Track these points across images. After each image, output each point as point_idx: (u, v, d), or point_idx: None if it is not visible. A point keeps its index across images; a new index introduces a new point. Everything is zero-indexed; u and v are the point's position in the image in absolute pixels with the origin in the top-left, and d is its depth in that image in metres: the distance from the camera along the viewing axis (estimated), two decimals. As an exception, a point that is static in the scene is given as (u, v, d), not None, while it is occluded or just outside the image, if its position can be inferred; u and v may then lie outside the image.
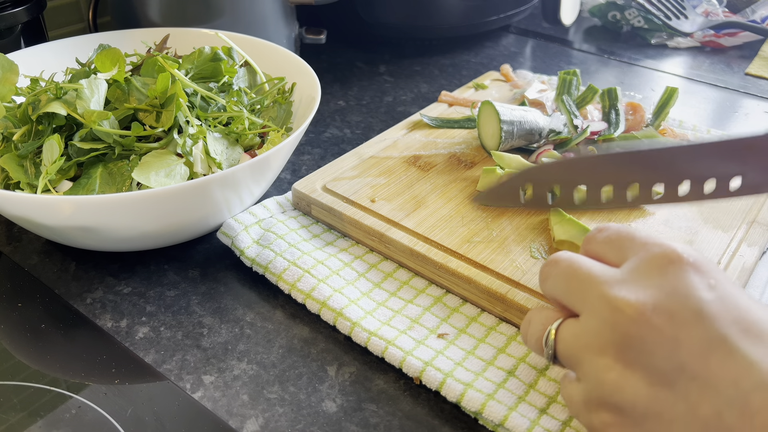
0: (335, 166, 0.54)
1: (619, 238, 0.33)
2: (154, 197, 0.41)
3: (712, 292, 0.29)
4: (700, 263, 0.30)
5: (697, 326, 0.28)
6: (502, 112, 0.55)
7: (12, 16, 0.61)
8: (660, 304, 0.29)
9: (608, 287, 0.30)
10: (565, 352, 0.31)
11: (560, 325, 0.32)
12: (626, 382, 0.28)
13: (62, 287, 0.47)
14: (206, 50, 0.53)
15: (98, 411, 0.37)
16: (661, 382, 0.28)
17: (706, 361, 0.27)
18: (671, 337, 0.28)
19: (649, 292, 0.29)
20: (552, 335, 0.32)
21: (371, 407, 0.38)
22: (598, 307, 0.30)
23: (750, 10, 0.90)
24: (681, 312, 0.28)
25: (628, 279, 0.30)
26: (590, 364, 0.30)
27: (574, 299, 0.32)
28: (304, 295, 0.44)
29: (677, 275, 0.29)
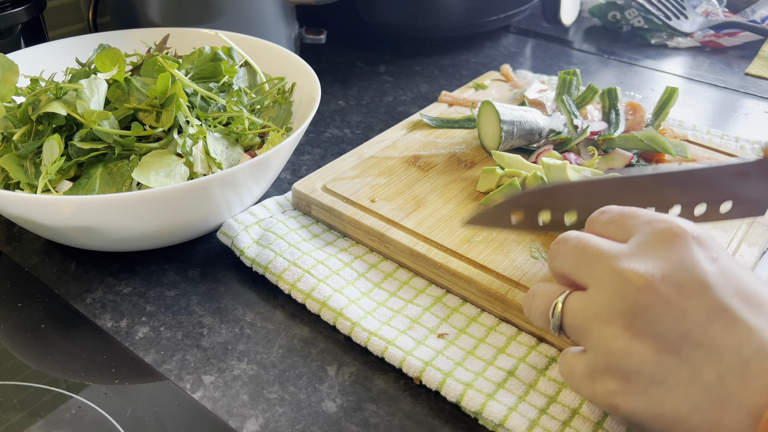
0: (335, 166, 0.54)
1: (621, 217, 0.35)
2: (154, 197, 0.41)
3: (714, 264, 0.30)
4: (703, 238, 0.31)
5: (701, 296, 0.29)
6: (502, 112, 0.55)
7: (12, 16, 0.61)
8: (667, 274, 0.30)
9: (617, 260, 0.31)
10: (572, 322, 0.32)
11: (567, 297, 0.33)
12: (634, 349, 0.29)
13: (62, 287, 0.47)
14: (206, 50, 0.53)
15: (98, 411, 0.37)
16: (667, 349, 0.29)
17: (709, 328, 0.28)
18: (678, 306, 0.29)
19: (657, 263, 0.30)
20: (559, 307, 0.33)
21: (371, 407, 0.38)
22: (608, 278, 0.31)
23: (750, 10, 0.90)
24: (687, 282, 0.29)
25: (636, 252, 0.31)
26: (598, 333, 0.31)
27: (584, 273, 0.33)
28: (304, 295, 0.44)
29: (683, 248, 0.31)
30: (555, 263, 0.35)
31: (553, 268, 0.36)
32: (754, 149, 0.62)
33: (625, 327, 0.30)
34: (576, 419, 0.36)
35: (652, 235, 0.32)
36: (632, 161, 0.54)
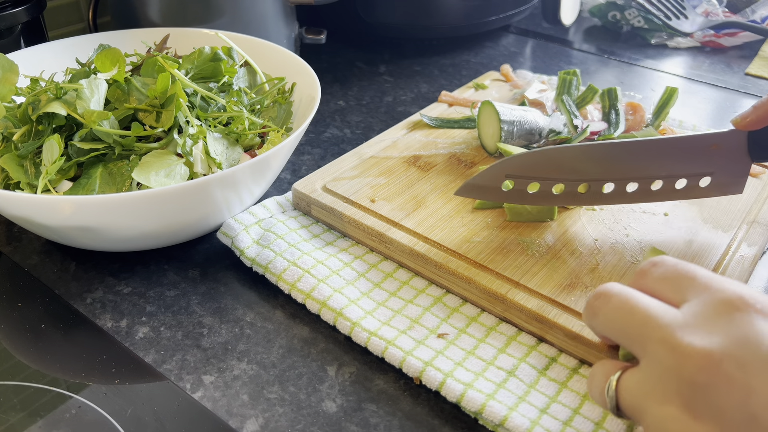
0: (335, 166, 0.54)
1: (677, 277, 0.31)
2: (154, 197, 0.41)
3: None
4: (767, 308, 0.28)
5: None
6: (502, 112, 0.55)
7: (12, 16, 0.61)
8: (730, 351, 0.27)
9: (671, 331, 0.28)
10: (627, 402, 0.30)
11: (622, 374, 0.31)
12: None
13: (62, 287, 0.47)
14: (206, 50, 0.53)
15: (98, 411, 0.37)
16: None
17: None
18: (743, 386, 0.26)
19: (717, 338, 0.27)
20: (613, 385, 0.30)
21: (371, 407, 0.38)
22: (661, 352, 0.28)
23: (750, 10, 0.90)
24: (752, 360, 0.27)
25: (692, 323, 0.28)
26: (654, 413, 0.28)
27: (632, 342, 0.30)
28: (304, 295, 0.44)
29: (746, 322, 0.28)
30: (596, 323, 0.32)
31: (594, 328, 0.33)
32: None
33: (684, 408, 0.27)
34: (576, 419, 0.36)
35: (711, 304, 0.29)
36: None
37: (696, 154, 0.44)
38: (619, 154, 0.44)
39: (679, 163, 0.44)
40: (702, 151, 0.44)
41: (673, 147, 0.44)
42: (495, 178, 0.45)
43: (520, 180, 0.45)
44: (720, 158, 0.44)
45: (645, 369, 0.29)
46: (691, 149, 0.44)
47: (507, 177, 0.45)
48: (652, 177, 0.45)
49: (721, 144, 0.44)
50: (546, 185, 0.45)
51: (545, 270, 0.44)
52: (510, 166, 0.44)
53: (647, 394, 0.29)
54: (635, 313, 0.30)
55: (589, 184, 0.45)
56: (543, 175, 0.44)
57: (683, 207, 0.50)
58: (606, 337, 0.32)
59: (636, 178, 0.45)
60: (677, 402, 0.27)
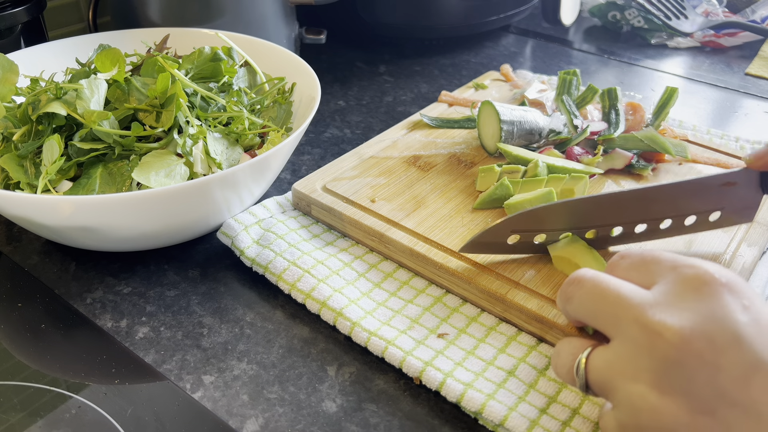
0: (335, 166, 0.54)
1: (644, 263, 0.32)
2: (154, 197, 0.41)
3: (747, 313, 0.28)
4: (733, 284, 0.29)
5: (735, 350, 0.27)
6: (502, 112, 0.55)
7: (12, 16, 0.61)
8: (698, 328, 0.28)
9: (643, 310, 0.29)
10: (597, 379, 0.30)
11: (591, 352, 0.31)
12: (664, 409, 0.27)
13: (62, 287, 0.47)
14: (206, 50, 0.53)
15: (98, 411, 0.37)
16: (701, 409, 0.27)
17: (746, 386, 0.26)
18: (711, 362, 0.27)
19: (686, 315, 0.28)
20: (582, 363, 0.31)
21: (371, 407, 0.38)
22: (633, 331, 0.29)
23: (750, 10, 0.90)
24: (719, 336, 0.27)
25: (663, 302, 0.29)
26: (624, 391, 0.29)
27: (604, 323, 0.31)
28: (304, 295, 0.44)
29: (712, 297, 0.28)
30: (569, 308, 0.33)
31: (568, 313, 0.33)
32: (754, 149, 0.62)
33: (654, 385, 0.28)
34: (576, 419, 0.36)
35: (679, 282, 0.30)
36: (632, 161, 0.54)
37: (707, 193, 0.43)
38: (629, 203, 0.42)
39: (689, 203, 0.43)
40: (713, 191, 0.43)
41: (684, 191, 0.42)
42: (500, 234, 0.43)
43: (526, 233, 0.43)
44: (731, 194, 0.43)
45: (616, 347, 0.30)
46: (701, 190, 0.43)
47: (513, 232, 0.43)
48: (661, 218, 0.43)
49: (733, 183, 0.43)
50: (552, 235, 0.43)
51: (545, 270, 0.44)
52: (515, 222, 0.43)
53: (618, 372, 0.29)
54: (607, 295, 0.31)
55: (597, 231, 0.44)
56: (549, 227, 0.43)
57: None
58: (580, 321, 0.33)
59: (645, 220, 0.44)
60: (647, 379, 0.28)
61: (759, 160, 0.42)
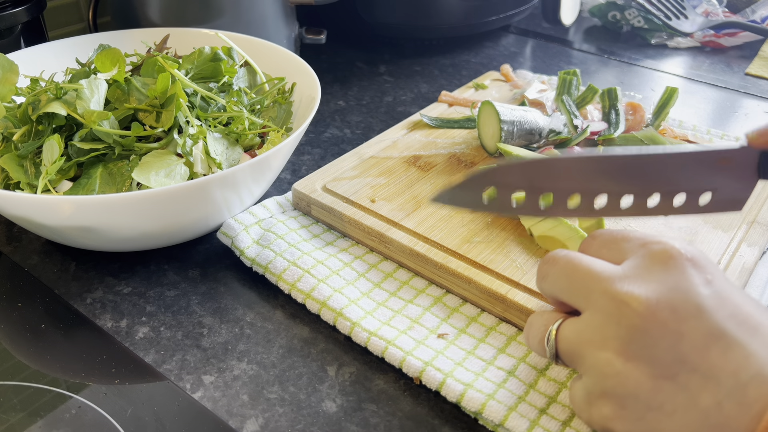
0: (335, 166, 0.54)
1: (614, 240, 0.34)
2: (154, 197, 0.41)
3: (709, 287, 0.30)
4: (697, 259, 0.31)
5: (697, 320, 0.29)
6: (502, 112, 0.55)
7: (12, 16, 0.61)
8: (663, 298, 0.29)
9: (612, 282, 0.31)
10: (566, 349, 0.32)
11: (561, 324, 0.33)
12: (629, 374, 0.29)
13: (62, 287, 0.47)
14: (206, 50, 0.53)
15: (98, 411, 0.37)
16: (664, 374, 0.28)
17: (706, 353, 0.28)
18: (674, 331, 0.29)
19: (653, 286, 0.30)
20: (553, 334, 0.33)
21: (371, 407, 0.38)
22: (603, 302, 0.31)
23: (750, 10, 0.90)
24: (683, 306, 0.29)
25: (631, 275, 0.31)
26: (592, 358, 0.30)
27: (576, 296, 0.32)
28: (304, 295, 0.44)
29: (678, 270, 0.30)
30: (545, 285, 0.34)
31: (543, 290, 0.35)
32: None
33: (620, 352, 0.29)
34: (576, 419, 0.36)
35: (647, 257, 0.32)
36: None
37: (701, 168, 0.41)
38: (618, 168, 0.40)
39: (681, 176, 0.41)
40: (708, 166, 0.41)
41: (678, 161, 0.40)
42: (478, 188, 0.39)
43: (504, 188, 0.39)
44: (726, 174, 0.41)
45: (586, 318, 0.31)
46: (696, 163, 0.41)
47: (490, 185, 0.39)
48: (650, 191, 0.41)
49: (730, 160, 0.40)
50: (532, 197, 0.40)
51: (545, 270, 0.44)
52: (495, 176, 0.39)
53: (586, 341, 0.31)
54: (579, 270, 0.32)
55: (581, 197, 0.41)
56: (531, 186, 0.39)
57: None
58: (553, 297, 0.34)
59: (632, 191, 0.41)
60: (614, 346, 0.30)
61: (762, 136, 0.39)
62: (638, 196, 0.42)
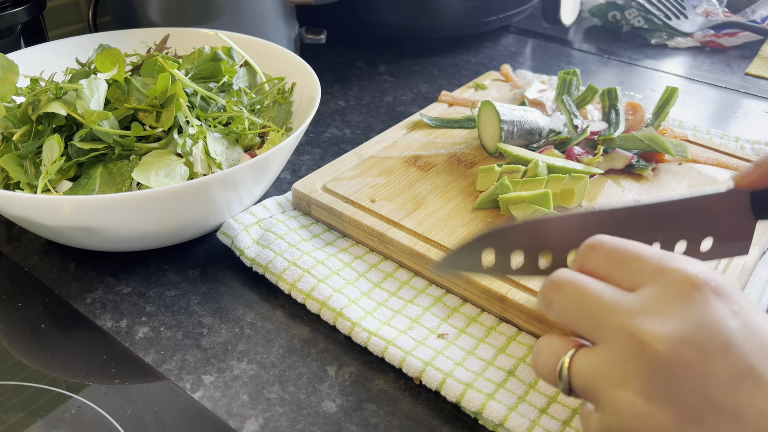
0: (335, 166, 0.54)
1: (622, 257, 0.31)
2: (154, 197, 0.41)
3: (736, 319, 0.28)
4: (722, 288, 0.29)
5: (725, 357, 0.27)
6: (502, 112, 0.55)
7: (12, 16, 0.61)
8: (688, 336, 0.27)
9: (629, 317, 0.28)
10: (581, 384, 0.30)
11: (574, 355, 0.30)
12: (651, 416, 0.27)
13: (62, 287, 0.47)
14: (206, 50, 0.53)
15: (98, 411, 0.37)
16: (689, 416, 0.27)
17: (734, 393, 0.26)
18: (701, 370, 0.27)
19: (675, 323, 0.28)
20: (566, 366, 0.30)
21: (371, 407, 0.38)
22: (619, 337, 0.28)
23: (750, 10, 0.90)
24: (709, 344, 0.27)
25: (650, 308, 0.29)
26: (610, 396, 0.28)
27: (587, 328, 0.30)
28: (304, 295, 0.44)
29: (702, 303, 0.28)
30: (551, 313, 0.32)
31: (552, 317, 0.32)
32: (754, 149, 0.62)
33: (640, 392, 0.27)
34: (576, 419, 0.36)
35: (667, 287, 0.29)
36: (632, 161, 0.54)
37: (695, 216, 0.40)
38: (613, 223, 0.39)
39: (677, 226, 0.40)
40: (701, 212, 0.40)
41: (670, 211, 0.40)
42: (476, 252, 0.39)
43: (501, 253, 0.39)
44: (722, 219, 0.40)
45: (601, 352, 0.29)
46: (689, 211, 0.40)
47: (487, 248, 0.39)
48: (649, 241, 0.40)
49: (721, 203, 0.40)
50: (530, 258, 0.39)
51: (545, 270, 0.44)
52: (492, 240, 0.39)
53: (603, 378, 0.29)
54: (589, 299, 0.30)
55: None
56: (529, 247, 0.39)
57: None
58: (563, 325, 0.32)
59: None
60: (634, 386, 0.27)
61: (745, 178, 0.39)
62: None
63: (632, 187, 0.53)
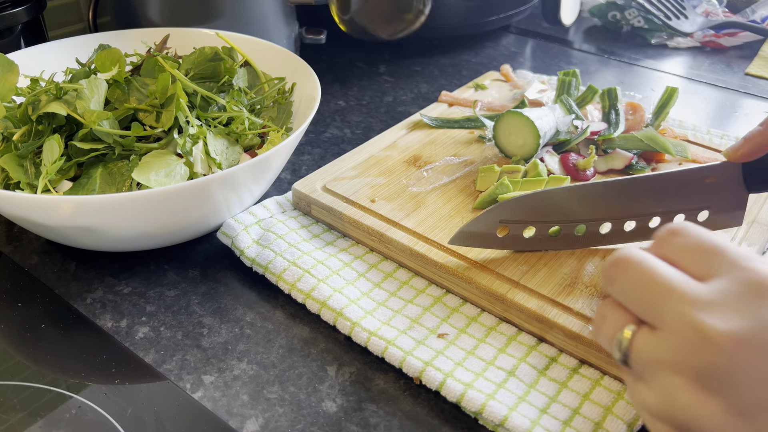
0: (335, 166, 0.54)
1: (701, 248, 0.30)
2: (154, 197, 0.41)
3: None
4: None
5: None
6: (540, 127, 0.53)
7: (12, 16, 0.61)
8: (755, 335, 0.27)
9: (694, 308, 0.28)
10: (639, 360, 0.29)
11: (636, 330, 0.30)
12: (702, 406, 0.27)
13: (62, 287, 0.47)
14: (206, 50, 0.53)
15: (98, 411, 0.37)
16: (741, 412, 0.26)
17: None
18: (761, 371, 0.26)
19: (743, 322, 0.27)
20: (627, 341, 0.30)
21: (371, 407, 0.38)
22: (681, 326, 0.28)
23: (750, 10, 0.90)
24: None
25: (718, 302, 0.28)
26: (664, 379, 0.28)
27: (650, 312, 0.29)
28: (304, 295, 0.44)
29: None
30: (612, 290, 0.31)
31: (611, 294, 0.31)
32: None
33: (696, 380, 0.27)
34: (576, 419, 0.36)
35: (742, 284, 0.28)
36: (632, 161, 0.54)
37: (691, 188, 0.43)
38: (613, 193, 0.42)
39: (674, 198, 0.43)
40: (697, 185, 0.43)
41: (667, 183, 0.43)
42: (489, 224, 0.43)
43: (515, 225, 0.43)
44: (716, 191, 0.43)
45: (662, 337, 0.28)
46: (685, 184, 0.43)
47: (501, 223, 0.43)
48: (649, 214, 0.43)
49: (715, 177, 0.42)
50: (542, 228, 0.43)
51: (545, 270, 0.44)
52: (504, 211, 0.42)
53: (661, 361, 0.28)
54: (656, 283, 0.29)
55: (586, 226, 0.44)
56: (538, 218, 0.43)
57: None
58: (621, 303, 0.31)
59: (633, 216, 0.43)
60: (691, 374, 0.27)
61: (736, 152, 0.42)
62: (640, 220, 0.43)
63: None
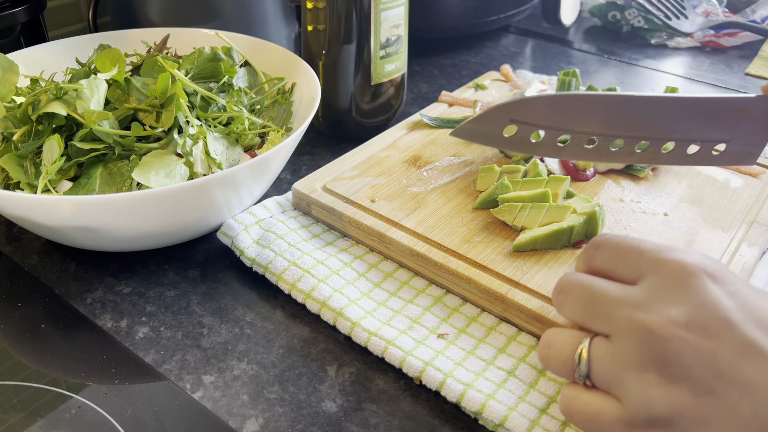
0: (335, 166, 0.54)
1: (624, 252, 0.33)
2: (154, 197, 0.41)
3: (733, 299, 0.30)
4: (716, 272, 0.31)
5: (727, 334, 0.29)
6: None
7: (12, 16, 0.61)
8: (691, 319, 0.29)
9: (635, 310, 0.30)
10: (602, 370, 0.31)
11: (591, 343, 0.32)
12: (673, 395, 0.29)
13: (62, 287, 0.47)
14: (206, 50, 0.53)
15: (98, 411, 0.37)
16: (705, 391, 0.29)
17: (740, 366, 0.28)
18: (706, 349, 0.29)
19: (678, 309, 0.30)
20: (585, 354, 0.32)
21: (371, 407, 0.38)
22: (629, 328, 0.30)
23: (750, 10, 0.90)
24: (711, 323, 0.29)
25: (652, 298, 0.31)
26: (633, 381, 0.30)
27: (599, 323, 0.32)
28: (304, 295, 0.44)
29: (700, 287, 0.30)
30: (565, 313, 0.34)
31: (566, 317, 0.34)
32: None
33: (660, 373, 0.29)
34: None
35: (666, 276, 0.31)
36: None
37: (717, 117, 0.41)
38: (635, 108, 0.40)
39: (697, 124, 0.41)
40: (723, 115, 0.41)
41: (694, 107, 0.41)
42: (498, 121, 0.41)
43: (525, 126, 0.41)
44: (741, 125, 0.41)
45: (617, 342, 0.31)
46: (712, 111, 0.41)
47: (511, 122, 0.41)
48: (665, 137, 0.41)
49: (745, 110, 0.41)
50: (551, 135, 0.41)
51: (545, 270, 0.44)
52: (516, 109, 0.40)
53: (624, 363, 0.30)
54: (597, 297, 0.32)
55: (597, 139, 0.42)
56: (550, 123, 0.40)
57: (683, 207, 0.50)
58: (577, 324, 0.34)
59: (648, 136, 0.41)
60: (654, 369, 0.29)
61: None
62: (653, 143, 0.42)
63: (632, 187, 0.53)
